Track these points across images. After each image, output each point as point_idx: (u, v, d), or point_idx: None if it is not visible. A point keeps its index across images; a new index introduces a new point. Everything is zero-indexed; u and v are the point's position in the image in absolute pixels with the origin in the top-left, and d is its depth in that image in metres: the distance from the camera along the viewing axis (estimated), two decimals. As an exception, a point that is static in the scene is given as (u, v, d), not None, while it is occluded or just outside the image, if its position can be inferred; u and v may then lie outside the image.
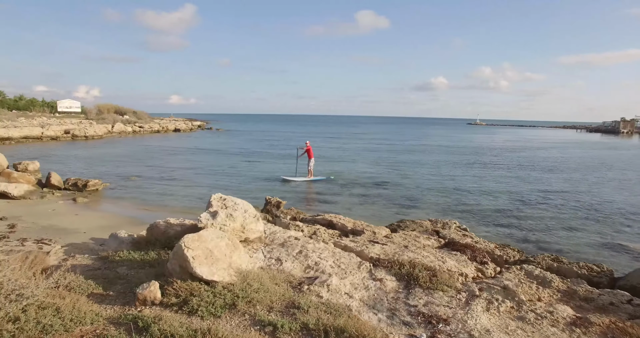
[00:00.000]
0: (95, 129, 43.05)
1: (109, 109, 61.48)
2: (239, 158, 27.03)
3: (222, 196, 5.27)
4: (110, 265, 4.86)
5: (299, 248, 5.27)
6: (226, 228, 4.68)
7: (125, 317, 3.36)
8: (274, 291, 3.96)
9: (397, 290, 4.41)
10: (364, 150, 34.83)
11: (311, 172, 17.52)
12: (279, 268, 4.69)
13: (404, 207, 13.01)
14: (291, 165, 18.83)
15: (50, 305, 3.24)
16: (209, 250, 3.82)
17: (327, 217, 8.08)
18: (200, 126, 71.31)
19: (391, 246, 5.84)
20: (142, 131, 51.51)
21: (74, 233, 8.20)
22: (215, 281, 3.77)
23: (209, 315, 3.48)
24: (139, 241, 5.78)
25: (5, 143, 30.30)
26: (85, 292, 3.96)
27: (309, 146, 17.47)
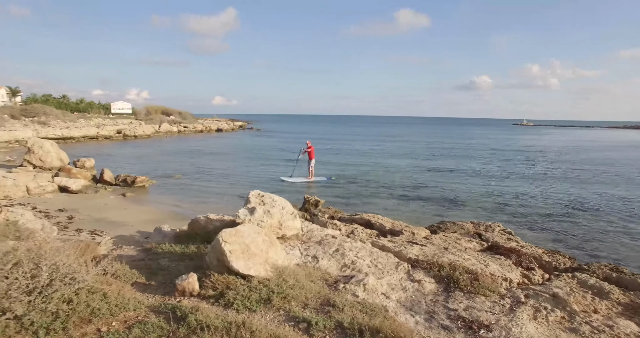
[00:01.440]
0: (143, 129, 45.32)
1: (157, 110, 64.50)
2: (278, 157, 27.39)
3: (261, 192, 5.33)
4: (153, 257, 5.05)
5: (335, 246, 5.23)
6: (263, 224, 4.72)
7: (165, 306, 3.47)
8: (309, 288, 3.94)
9: (435, 293, 4.25)
10: (403, 151, 34.17)
11: (312, 173, 17.12)
12: (315, 266, 4.67)
13: (444, 208, 12.60)
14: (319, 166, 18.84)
15: (99, 291, 3.41)
16: (245, 245, 3.87)
17: (366, 216, 7.97)
18: (242, 126, 73.12)
19: (430, 248, 5.65)
20: (186, 131, 53.60)
21: (123, 226, 8.63)
22: (252, 275, 3.80)
23: (244, 308, 3.51)
24: (181, 235, 5.99)
25: (67, 142, 32.57)
26: (130, 281, 4.14)
27: (310, 146, 17.08)
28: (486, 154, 31.72)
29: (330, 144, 40.30)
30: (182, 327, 3.06)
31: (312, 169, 17.04)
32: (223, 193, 14.29)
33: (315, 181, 16.84)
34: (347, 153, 30.74)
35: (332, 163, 24.27)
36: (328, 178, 17.40)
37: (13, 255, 3.13)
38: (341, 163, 23.93)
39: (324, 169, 21.18)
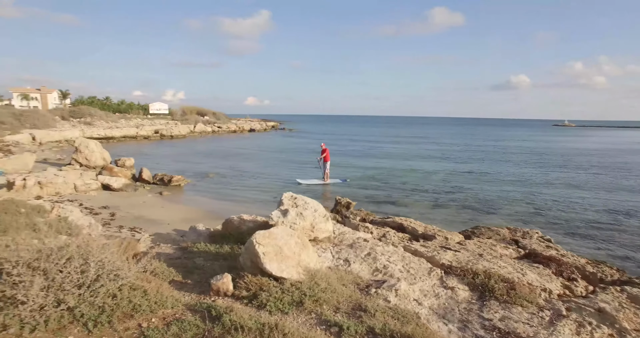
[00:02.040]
0: (179, 129, 46.86)
1: (192, 110, 66.50)
2: (309, 157, 27.58)
3: (293, 195, 5.39)
4: (189, 256, 5.22)
5: (367, 250, 5.21)
6: (296, 226, 4.78)
7: (201, 305, 3.58)
8: (341, 292, 3.95)
9: (469, 301, 4.16)
10: (436, 152, 33.47)
11: (327, 175, 16.88)
12: (346, 269, 4.68)
13: (479, 213, 12.25)
14: (343, 167, 18.69)
15: (139, 287, 3.57)
16: (278, 247, 3.93)
17: (398, 220, 7.89)
18: (274, 126, 74.08)
19: (464, 254, 5.52)
20: (220, 131, 54.93)
21: (160, 224, 8.97)
22: (284, 278, 3.86)
23: (277, 310, 3.57)
24: (215, 234, 6.16)
25: (110, 142, 34.21)
26: (167, 278, 4.30)
27: (324, 149, 16.80)
28: (523, 157, 30.52)
29: (361, 145, 40.14)
30: (217, 327, 3.15)
31: (328, 172, 16.87)
32: (256, 193, 14.55)
33: (329, 183, 16.60)
34: (378, 155, 30.50)
35: (363, 165, 24.14)
36: (343, 180, 17.12)
37: (66, 250, 3.34)
38: (372, 165, 23.76)
39: (356, 170, 21.14)
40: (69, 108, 52.45)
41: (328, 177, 16.84)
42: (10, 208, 6.54)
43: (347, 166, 22.95)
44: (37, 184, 11.69)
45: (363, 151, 33.14)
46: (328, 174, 16.85)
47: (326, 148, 16.81)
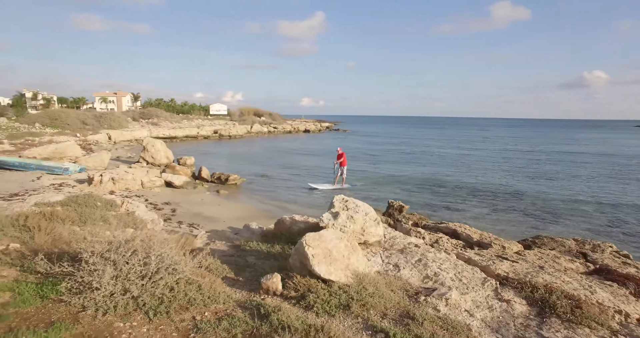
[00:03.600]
0: (237, 129, 48.81)
1: (249, 111, 68.93)
2: (364, 158, 27.43)
3: (345, 197, 5.41)
4: (242, 253, 5.43)
5: (418, 256, 5.09)
6: (346, 229, 4.79)
7: (250, 303, 3.71)
8: (388, 298, 3.90)
9: (527, 316, 3.91)
10: (496, 155, 31.73)
11: (343, 180, 16.23)
12: (396, 275, 4.60)
13: (541, 222, 11.44)
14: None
15: (195, 282, 3.78)
16: (328, 250, 3.97)
17: (451, 226, 7.62)
18: (329, 127, 74.60)
19: (523, 265, 5.20)
20: (276, 131, 56.42)
21: (216, 221, 9.41)
22: (332, 280, 3.89)
23: (324, 312, 3.61)
24: (267, 234, 6.34)
25: (173, 141, 36.53)
26: (221, 275, 4.50)
27: (341, 153, 16.14)
28: (596, 161, 27.99)
29: (416, 147, 39.20)
30: (264, 325, 3.25)
31: (344, 177, 16.27)
32: (308, 194, 14.76)
33: (343, 188, 15.85)
34: (433, 157, 29.60)
35: (417, 167, 23.58)
36: (352, 185, 16.54)
37: (132, 244, 3.63)
38: (427, 168, 23.11)
39: (409, 173, 20.70)
40: (139, 110, 56.72)
41: (344, 182, 16.23)
42: (90, 202, 7.23)
43: (400, 168, 22.55)
44: (111, 180, 12.78)
45: (417, 154, 32.33)
46: (345, 179, 16.25)
47: (343, 152, 16.19)
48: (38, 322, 2.93)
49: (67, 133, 27.96)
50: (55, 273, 3.53)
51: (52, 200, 7.77)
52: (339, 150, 16.30)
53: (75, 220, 6.24)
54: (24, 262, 3.93)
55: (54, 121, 31.48)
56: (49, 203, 7.34)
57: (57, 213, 6.24)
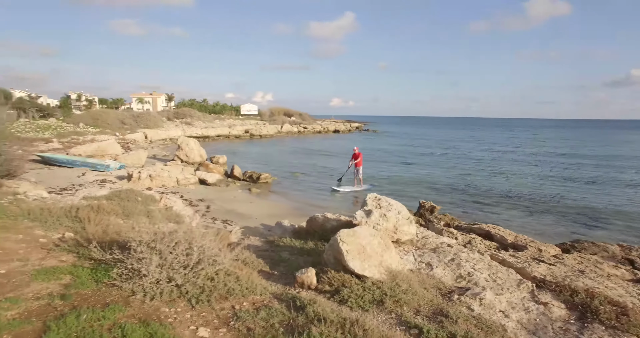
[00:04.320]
0: (267, 129, 49.52)
1: (279, 111, 69.70)
2: (394, 159, 27.23)
3: (377, 196, 5.45)
4: (276, 249, 5.58)
5: (451, 255, 5.07)
6: (379, 227, 4.84)
7: (286, 295, 3.83)
8: (422, 295, 3.93)
9: (566, 320, 3.82)
10: (532, 157, 30.59)
11: (361, 181, 15.67)
12: (428, 273, 4.61)
13: (581, 226, 11.00)
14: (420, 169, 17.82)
15: (233, 273, 3.95)
16: (362, 246, 4.04)
17: (485, 227, 7.50)
18: (358, 127, 74.30)
19: (561, 268, 5.07)
20: (305, 131, 56.81)
21: (248, 218, 9.64)
22: (366, 276, 3.96)
23: (357, 307, 3.68)
24: (299, 231, 6.47)
25: (206, 140, 37.54)
26: (256, 268, 4.66)
27: (357, 153, 15.55)
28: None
29: (448, 148, 38.47)
30: (301, 316, 3.36)
31: (361, 178, 15.72)
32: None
33: (363, 190, 15.23)
34: (465, 158, 28.97)
35: (448, 168, 23.17)
36: (372, 185, 15.96)
37: (175, 235, 3.83)
38: (459, 169, 22.67)
39: (441, 174, 20.40)
40: (173, 110, 58.63)
41: (361, 183, 15.71)
42: (131, 197, 7.61)
43: (431, 169, 22.24)
44: (148, 177, 13.33)
45: (449, 155, 31.70)
46: (361, 180, 15.74)
47: (359, 152, 15.52)
48: (95, 303, 3.17)
49: (107, 132, 29.33)
50: (107, 260, 3.79)
51: (98, 194, 8.23)
52: (356, 150, 15.71)
53: (119, 213, 6.61)
54: (79, 249, 4.24)
55: (95, 120, 33.09)
56: (95, 197, 7.79)
57: (103, 206, 6.63)
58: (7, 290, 3.29)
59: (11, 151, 9.33)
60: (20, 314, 2.93)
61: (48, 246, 4.43)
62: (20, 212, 5.52)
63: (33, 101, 42.78)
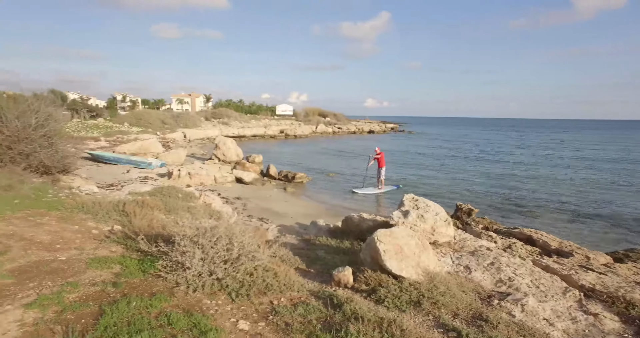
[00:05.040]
0: (302, 129, 49.95)
1: (314, 112, 70.07)
2: (429, 161, 26.73)
3: (415, 196, 5.39)
4: (312, 247, 5.64)
5: (490, 259, 4.93)
6: (416, 228, 4.78)
7: (323, 293, 3.87)
8: (460, 298, 3.85)
9: (621, 334, 3.61)
10: (577, 160, 29.04)
11: (382, 182, 15.02)
12: (467, 277, 4.51)
13: (636, 234, 10.33)
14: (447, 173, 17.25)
15: (271, 270, 4.03)
16: (399, 246, 4.01)
17: (526, 231, 7.22)
18: (393, 128, 73.43)
19: (613, 278, 4.79)
20: (340, 131, 56.84)
21: (284, 217, 9.78)
22: (403, 276, 3.92)
23: (394, 307, 3.66)
24: (335, 230, 6.50)
25: (242, 140, 38.39)
26: (293, 265, 4.73)
27: (379, 153, 14.99)
28: None
29: (485, 149, 37.28)
30: (338, 314, 3.38)
31: (383, 179, 15.10)
32: (374, 193, 14.73)
33: (385, 191, 14.82)
34: (503, 160, 27.94)
35: (486, 170, 22.44)
36: (397, 186, 15.45)
37: (216, 231, 3.97)
38: (497, 171, 21.90)
39: (479, 176, 19.81)
40: (211, 110, 60.34)
41: (383, 184, 15.14)
42: (172, 193, 7.93)
43: (468, 172, 21.63)
44: (187, 174, 13.81)
45: (487, 157, 30.68)
46: (383, 182, 15.14)
47: (381, 152, 15.05)
48: (143, 292, 3.35)
49: (149, 131, 30.63)
50: (153, 252, 3.98)
51: (142, 190, 8.64)
52: (377, 150, 15.24)
53: (162, 209, 6.90)
54: (127, 241, 4.48)
55: (138, 120, 34.65)
56: (140, 193, 8.17)
57: (147, 201, 6.95)
58: (68, 275, 3.55)
59: (66, 149, 9.96)
60: (80, 297, 3.16)
61: (100, 238, 4.72)
62: (75, 205, 5.91)
63: (84, 103, 45.41)
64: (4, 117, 9.00)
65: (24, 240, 4.31)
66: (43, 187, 6.92)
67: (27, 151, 8.86)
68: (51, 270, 3.64)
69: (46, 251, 4.10)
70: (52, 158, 9.12)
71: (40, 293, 3.17)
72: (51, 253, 4.07)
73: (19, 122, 8.99)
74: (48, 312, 2.92)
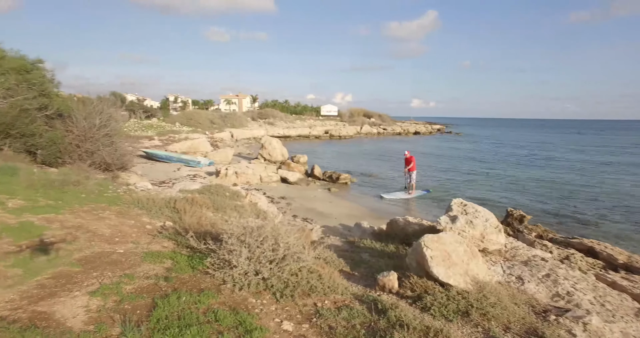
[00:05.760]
0: (347, 130, 49.89)
1: (359, 112, 69.71)
2: (476, 163, 25.68)
3: (463, 201, 5.19)
4: (356, 250, 5.59)
5: (546, 270, 4.62)
6: (465, 234, 4.60)
7: (367, 297, 3.81)
8: (512, 311, 3.64)
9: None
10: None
11: (413, 187, 14.23)
12: (519, 288, 4.26)
13: None
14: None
15: (315, 271, 4.04)
16: (446, 253, 3.87)
17: (587, 242, 6.71)
18: (440, 129, 71.43)
19: (692, 298, 4.33)
20: (385, 132, 56.18)
21: (328, 217, 9.79)
22: (450, 284, 3.78)
23: (441, 316, 3.53)
24: (379, 233, 6.41)
25: (287, 140, 39.03)
26: (337, 268, 4.71)
27: (409, 157, 14.20)
28: None
29: (540, 154, 35.17)
30: (382, 320, 3.32)
31: (414, 183, 14.41)
32: (417, 196, 14.39)
33: (415, 196, 14.09)
34: (560, 165, 26.19)
35: (541, 175, 21.18)
36: (426, 191, 14.64)
37: (263, 230, 4.04)
38: (553, 176, 20.59)
39: (532, 181, 18.75)
40: (257, 111, 61.87)
41: (414, 189, 14.46)
42: (220, 192, 8.19)
43: (519, 176, 20.53)
44: (234, 173, 14.24)
45: (541, 160, 28.92)
46: (414, 186, 14.46)
47: (412, 157, 14.43)
48: (192, 287, 3.48)
49: (198, 131, 31.96)
50: (202, 249, 4.13)
51: (191, 188, 9.00)
52: (407, 154, 14.67)
53: (210, 206, 7.15)
54: (178, 237, 4.69)
55: (189, 120, 36.26)
56: (189, 191, 8.52)
57: (196, 199, 7.22)
58: (126, 267, 3.78)
59: (124, 147, 10.64)
60: (135, 289, 3.34)
61: (153, 233, 4.97)
62: (132, 201, 6.27)
63: (140, 104, 48.27)
64: (74, 118, 9.78)
65: (89, 232, 4.63)
66: (104, 183, 7.41)
67: (92, 149, 9.55)
68: (111, 262, 3.88)
69: (107, 243, 4.39)
70: (112, 155, 9.77)
71: (102, 283, 3.39)
72: (111, 245, 4.34)
73: (86, 123, 9.72)
74: (108, 300, 3.11)
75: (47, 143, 9.29)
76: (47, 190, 6.22)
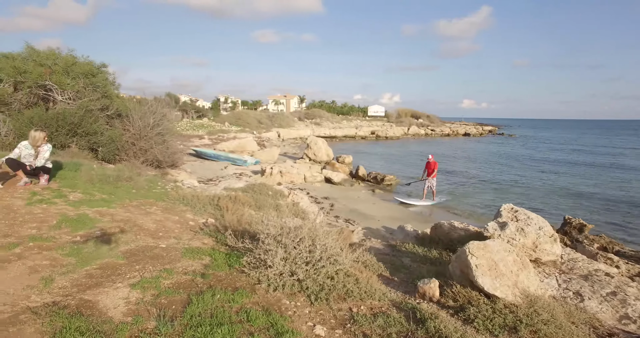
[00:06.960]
0: (394, 131, 49.05)
1: (407, 113, 68.34)
2: (530, 167, 24.14)
3: (514, 207, 4.82)
4: (397, 254, 5.39)
5: (611, 287, 4.16)
6: (515, 242, 4.25)
7: (406, 305, 3.63)
8: (568, 331, 3.29)
9: None
10: None
11: (434, 194, 13.14)
12: (577, 305, 3.86)
13: None
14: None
15: (352, 275, 3.92)
16: (493, 262, 3.59)
17: (661, 257, 6.00)
18: (492, 131, 68.30)
19: None
20: (433, 133, 54.62)
21: (370, 219, 9.61)
22: (497, 296, 3.50)
23: (485, 330, 3.27)
24: (423, 237, 6.15)
25: (332, 141, 39.09)
26: (376, 272, 4.55)
27: (432, 162, 13.14)
28: None
29: (602, 157, 32.39)
30: (420, 330, 3.13)
31: (434, 190, 13.38)
32: (464, 201, 13.77)
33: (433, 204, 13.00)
34: (627, 170, 23.92)
35: (602, 181, 19.48)
36: (446, 200, 13.56)
37: (300, 231, 3.98)
38: (620, 183, 18.85)
39: (592, 187, 17.29)
40: (304, 111, 62.55)
41: (434, 196, 13.39)
42: (263, 190, 8.29)
43: (578, 181, 19.01)
44: (279, 173, 14.43)
45: (603, 165, 26.56)
46: (434, 193, 13.43)
47: (434, 162, 13.50)
48: (227, 285, 3.49)
49: (246, 131, 32.86)
50: (239, 248, 4.15)
51: (235, 186, 9.20)
52: (431, 158, 13.72)
53: (252, 205, 7.24)
54: (217, 235, 4.77)
55: (238, 120, 37.43)
56: (233, 189, 8.71)
57: (239, 197, 7.36)
58: (166, 262, 3.88)
59: (175, 146, 11.12)
60: (173, 284, 3.41)
61: (195, 229, 5.10)
62: (178, 197, 6.51)
63: (193, 104, 50.62)
64: (130, 118, 10.39)
65: (136, 226, 4.84)
66: (154, 179, 7.76)
67: (146, 147, 10.08)
68: (153, 256, 4.01)
69: (151, 237, 4.55)
70: (164, 153, 10.24)
71: (142, 276, 3.49)
72: (155, 240, 4.50)
73: (141, 122, 10.28)
74: (147, 294, 3.19)
75: (107, 141, 9.94)
76: (103, 185, 6.62)
